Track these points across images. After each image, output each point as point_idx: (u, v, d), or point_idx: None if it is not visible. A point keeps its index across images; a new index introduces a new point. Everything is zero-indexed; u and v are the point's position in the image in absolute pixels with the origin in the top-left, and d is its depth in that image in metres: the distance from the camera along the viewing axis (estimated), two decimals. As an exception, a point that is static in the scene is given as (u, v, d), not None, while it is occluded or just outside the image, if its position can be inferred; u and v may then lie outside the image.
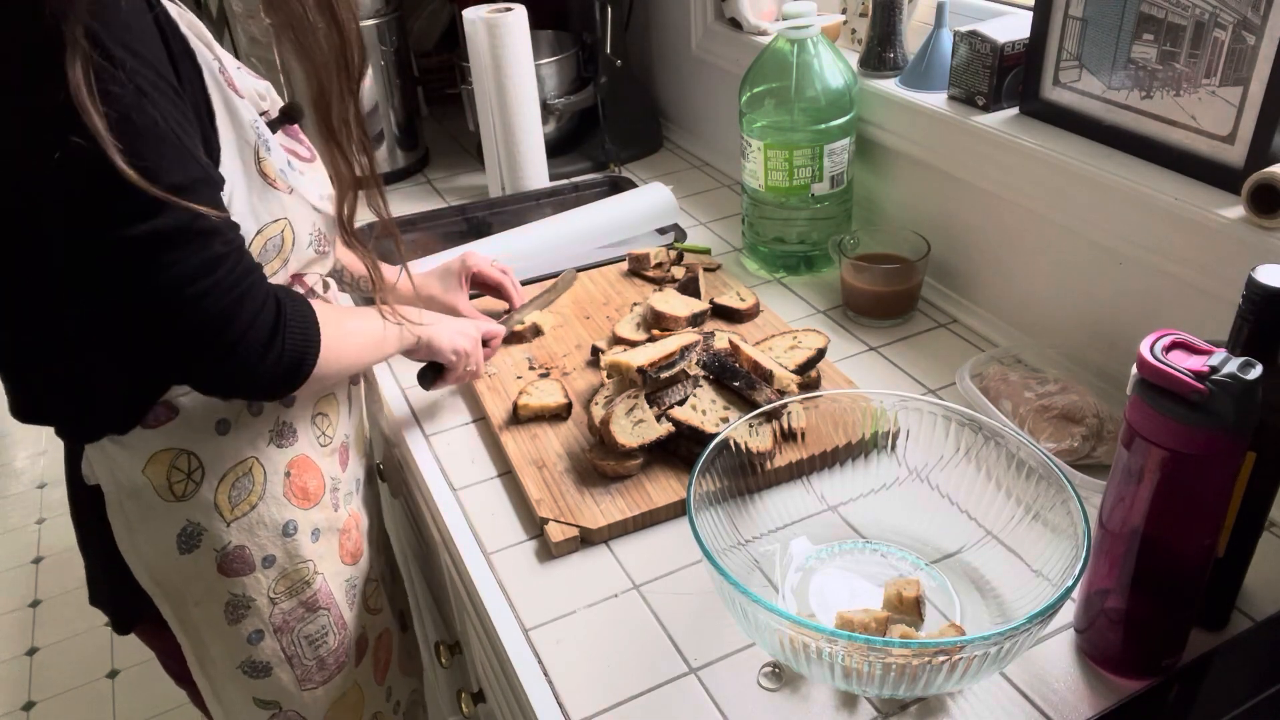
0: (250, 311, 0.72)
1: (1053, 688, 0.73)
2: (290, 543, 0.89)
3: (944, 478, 0.86)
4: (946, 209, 1.18)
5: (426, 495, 0.98)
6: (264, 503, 0.86)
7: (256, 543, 0.87)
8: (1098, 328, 1.02)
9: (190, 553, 0.84)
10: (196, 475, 0.82)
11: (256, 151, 0.79)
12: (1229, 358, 0.62)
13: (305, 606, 0.92)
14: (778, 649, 0.69)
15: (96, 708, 2.05)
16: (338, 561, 0.95)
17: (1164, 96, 0.92)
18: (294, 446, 0.89)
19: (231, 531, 0.85)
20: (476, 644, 0.98)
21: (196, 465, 0.82)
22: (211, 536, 0.84)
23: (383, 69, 1.62)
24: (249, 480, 0.85)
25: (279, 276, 0.82)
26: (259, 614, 0.89)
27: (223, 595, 0.87)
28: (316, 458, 0.91)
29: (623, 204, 1.40)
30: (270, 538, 0.87)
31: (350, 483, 0.98)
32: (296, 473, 0.89)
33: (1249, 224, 0.83)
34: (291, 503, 0.88)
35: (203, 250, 0.69)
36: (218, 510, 0.84)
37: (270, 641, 0.90)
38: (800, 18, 1.17)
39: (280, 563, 0.89)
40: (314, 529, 0.91)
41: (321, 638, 0.94)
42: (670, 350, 0.96)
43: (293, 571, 0.90)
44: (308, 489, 0.90)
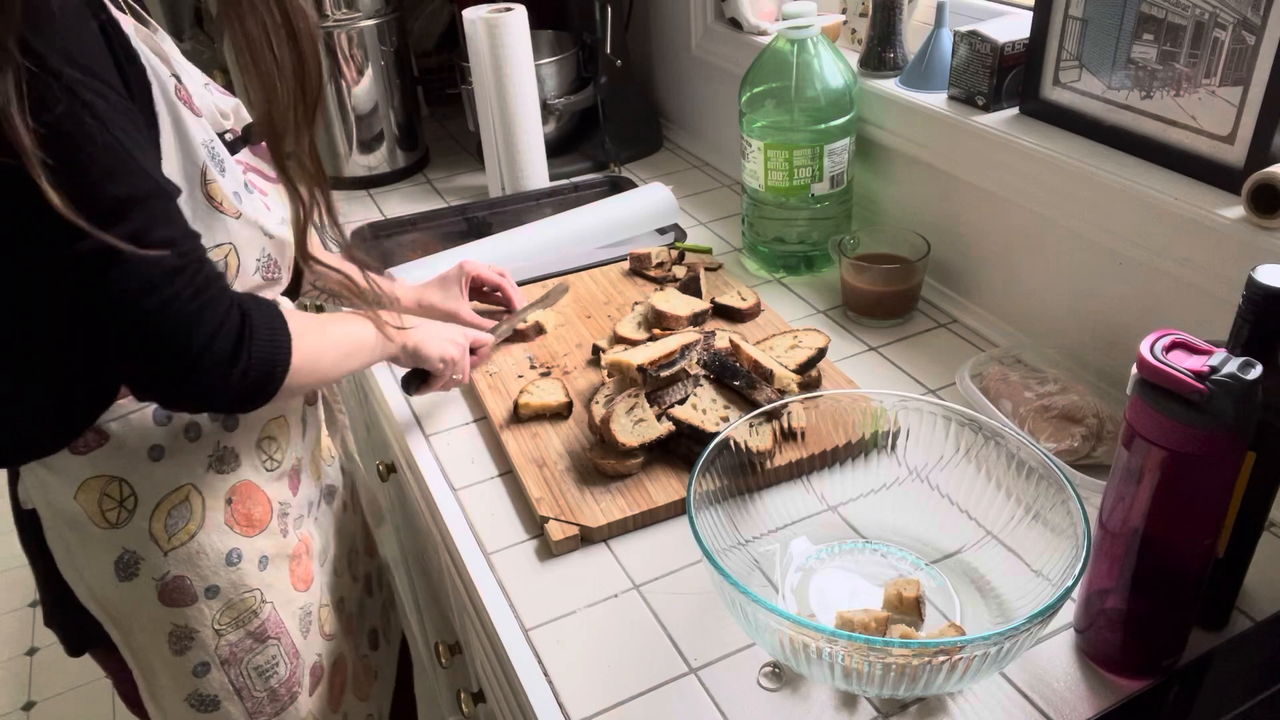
0: (211, 323, 0.69)
1: (1053, 688, 0.73)
2: (234, 572, 0.85)
3: (944, 478, 0.86)
4: (946, 209, 1.18)
5: (427, 495, 0.98)
6: (204, 532, 0.83)
7: (198, 573, 0.83)
8: (1098, 328, 1.02)
9: (129, 580, 0.81)
10: (129, 503, 0.80)
11: (204, 173, 0.75)
12: (1229, 358, 0.62)
13: (253, 637, 0.88)
14: (778, 649, 0.69)
15: (96, 708, 2.05)
16: (289, 589, 0.91)
17: (1164, 96, 0.92)
18: (236, 472, 0.85)
19: (169, 561, 0.82)
20: (476, 644, 0.98)
21: (129, 493, 0.79)
22: (149, 565, 0.81)
23: (383, 69, 1.62)
24: (186, 509, 0.82)
25: None
26: (204, 646, 0.85)
27: (165, 625, 0.84)
28: (262, 483, 0.88)
29: (623, 204, 1.40)
30: (212, 568, 0.84)
31: (302, 506, 0.94)
32: (239, 500, 0.85)
33: (1249, 224, 0.83)
34: (235, 531, 0.85)
35: (155, 264, 0.66)
36: (154, 540, 0.81)
37: (217, 674, 0.87)
38: (800, 18, 1.17)
39: (225, 593, 0.85)
40: (260, 557, 0.88)
41: (272, 668, 0.90)
42: (671, 349, 0.96)
43: (238, 602, 0.86)
44: (252, 516, 0.87)
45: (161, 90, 0.71)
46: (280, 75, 0.74)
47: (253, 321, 0.73)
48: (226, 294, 0.72)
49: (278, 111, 0.75)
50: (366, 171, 1.67)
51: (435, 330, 1.00)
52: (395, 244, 1.44)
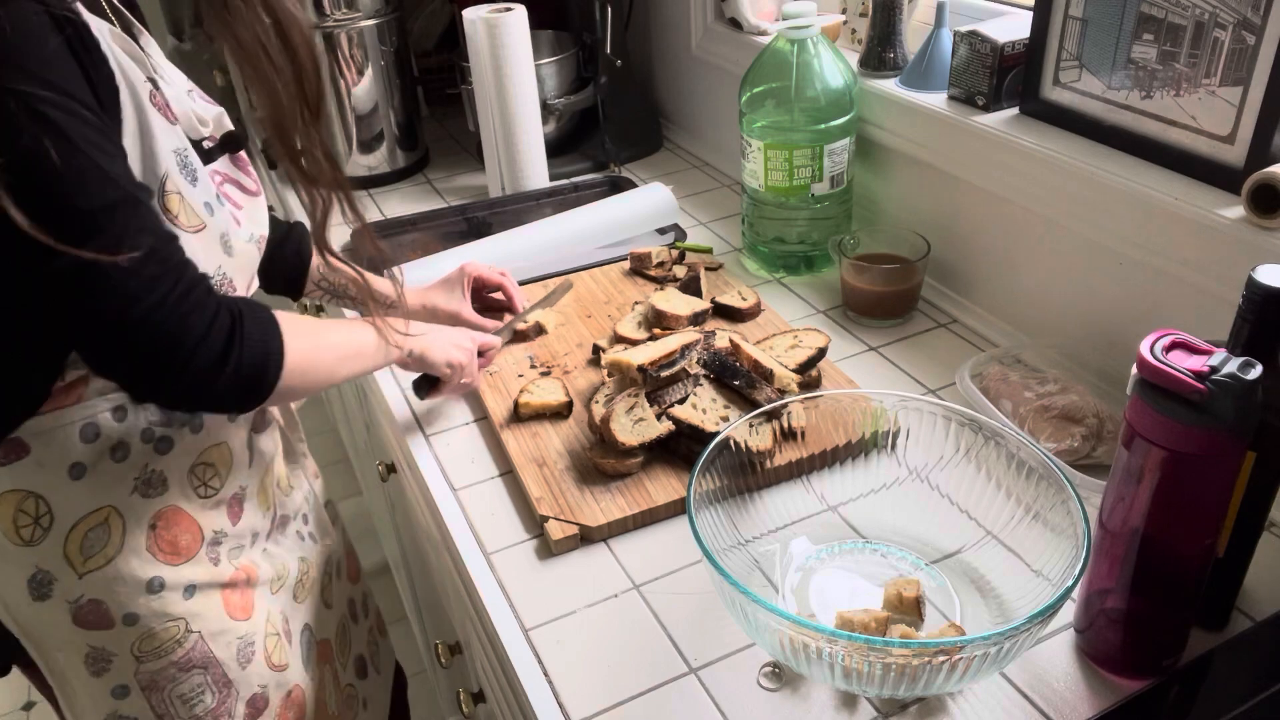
0: (199, 326, 0.69)
1: (1053, 688, 0.73)
2: (156, 600, 0.81)
3: (944, 478, 0.86)
4: (946, 209, 1.18)
5: (426, 495, 0.98)
6: (122, 557, 0.79)
7: (114, 599, 0.80)
8: (1098, 328, 1.02)
9: (43, 600, 0.78)
10: (44, 521, 0.76)
11: (163, 184, 0.73)
12: (1229, 358, 0.62)
13: (177, 666, 0.84)
14: (778, 649, 0.69)
15: (96, 707, 2.05)
16: (221, 619, 0.86)
17: (1164, 96, 0.92)
18: (162, 497, 0.81)
19: (84, 585, 0.78)
20: (476, 644, 0.98)
21: (45, 510, 0.76)
22: (62, 587, 0.78)
23: (383, 69, 1.62)
24: (104, 531, 0.78)
25: None
26: (122, 670, 0.82)
27: (81, 646, 0.81)
28: (193, 510, 0.84)
29: (623, 204, 1.40)
30: (130, 594, 0.80)
31: (244, 536, 0.89)
32: (164, 526, 0.81)
33: (1249, 224, 0.83)
34: (157, 558, 0.81)
35: (134, 274, 0.65)
36: (68, 561, 0.78)
37: (138, 699, 0.83)
38: (800, 18, 1.17)
39: (145, 621, 0.81)
40: (187, 585, 0.83)
41: (197, 697, 0.86)
42: (671, 349, 0.96)
43: (160, 631, 0.82)
44: (178, 543, 0.82)
45: (131, 95, 0.70)
46: (280, 79, 0.74)
47: (243, 323, 0.73)
48: (212, 296, 0.71)
49: (281, 114, 0.75)
50: (366, 171, 1.67)
51: (441, 335, 0.99)
52: (395, 244, 1.44)
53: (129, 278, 0.65)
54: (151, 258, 0.67)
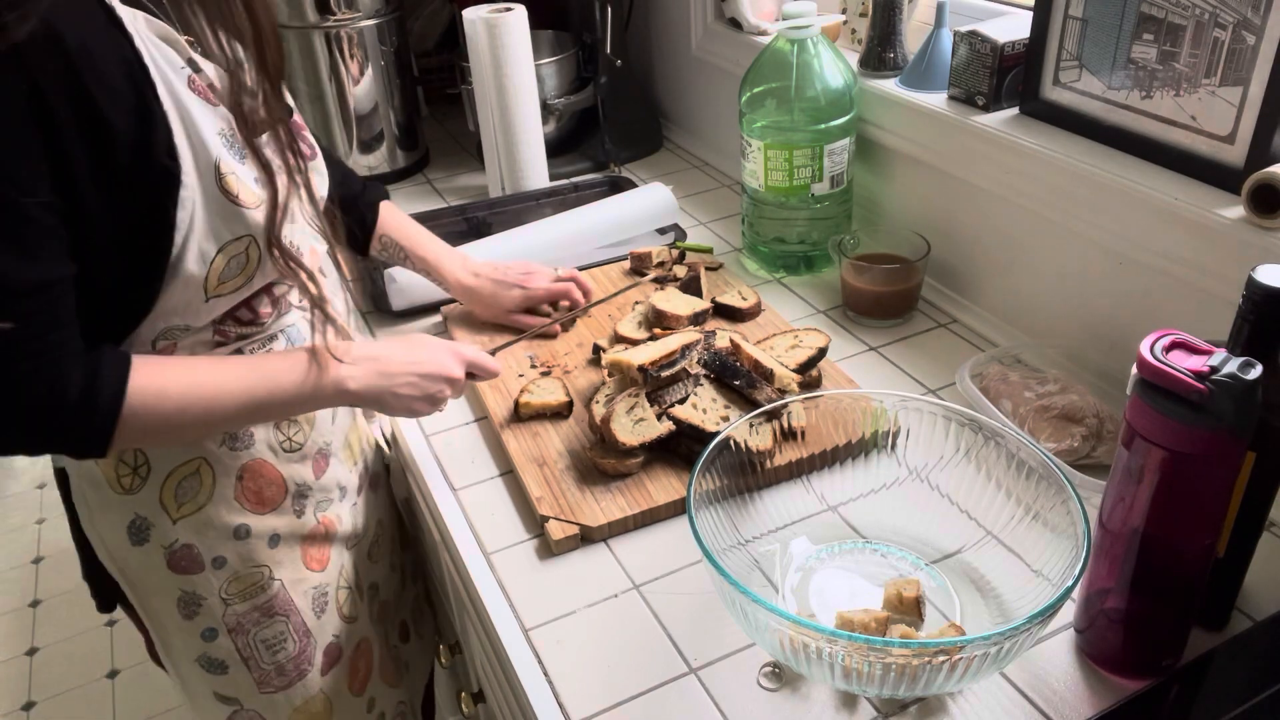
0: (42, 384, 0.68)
1: (1053, 688, 0.73)
2: (243, 546, 0.87)
3: (944, 478, 0.86)
4: (946, 209, 1.18)
5: (427, 495, 0.98)
6: (212, 505, 0.85)
7: (205, 543, 0.85)
8: (1098, 328, 1.02)
9: (141, 545, 0.84)
10: (143, 471, 0.82)
11: (217, 167, 0.73)
12: (1229, 358, 0.62)
13: (260, 611, 0.90)
14: (778, 649, 0.69)
15: (96, 708, 2.05)
16: (300, 568, 0.92)
17: (1164, 96, 0.92)
18: (249, 450, 0.86)
19: (178, 529, 0.84)
20: (476, 644, 0.98)
21: (143, 461, 0.82)
22: (159, 532, 0.84)
23: (383, 69, 1.62)
24: (195, 481, 0.84)
25: (242, 292, 0.79)
26: (211, 613, 0.88)
27: (174, 590, 0.86)
28: (277, 463, 0.88)
29: (623, 204, 1.40)
30: (219, 540, 0.86)
31: (330, 489, 0.94)
32: (250, 477, 0.86)
33: (1249, 224, 0.83)
34: (244, 507, 0.86)
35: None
36: (163, 507, 0.83)
37: (225, 640, 0.89)
38: (800, 18, 1.17)
39: (232, 565, 0.87)
40: (271, 534, 0.89)
41: (279, 643, 0.92)
42: (671, 349, 0.96)
43: (245, 575, 0.88)
44: (262, 494, 0.88)
45: (168, 88, 0.71)
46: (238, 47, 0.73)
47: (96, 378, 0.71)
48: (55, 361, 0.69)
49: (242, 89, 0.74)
50: (367, 171, 1.67)
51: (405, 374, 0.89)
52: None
53: None
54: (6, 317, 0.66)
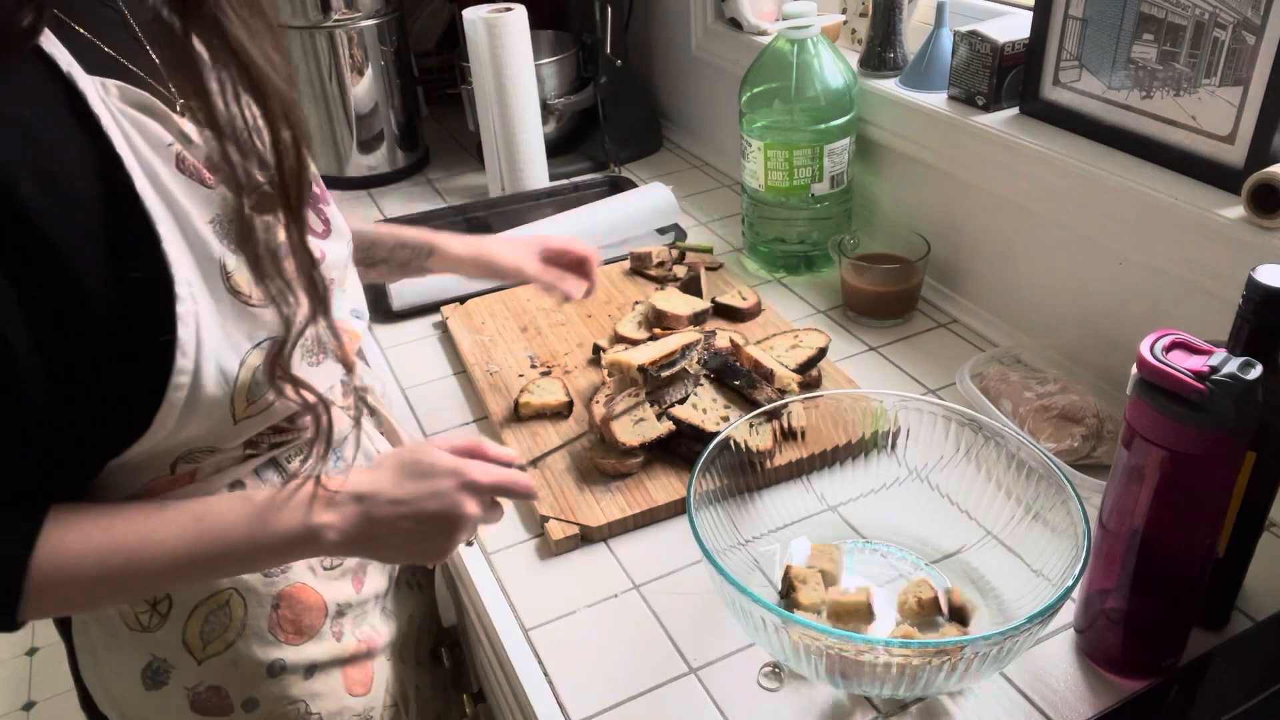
0: None
1: (1053, 688, 0.73)
2: (275, 685, 0.75)
3: (944, 478, 0.86)
4: (946, 209, 1.18)
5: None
6: (243, 640, 0.73)
7: (234, 685, 0.74)
8: (1098, 328, 1.02)
9: (158, 689, 0.73)
10: (162, 607, 0.71)
11: (222, 266, 0.61)
12: (1229, 358, 0.62)
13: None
14: (778, 649, 0.69)
15: (96, 707, 2.05)
16: (342, 697, 0.80)
17: (1164, 96, 0.92)
18: (285, 575, 0.75)
19: (203, 671, 0.73)
20: (476, 644, 0.98)
21: (164, 596, 0.71)
22: (180, 674, 0.73)
23: (383, 69, 1.62)
24: (224, 614, 0.72)
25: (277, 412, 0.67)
26: None
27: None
28: (317, 584, 0.77)
29: (623, 204, 1.40)
30: (251, 680, 0.75)
31: (368, 601, 0.83)
32: (287, 605, 0.75)
33: (1249, 224, 0.83)
34: (279, 639, 0.75)
35: None
36: (186, 647, 0.72)
37: None
38: (800, 18, 1.17)
39: (264, 706, 0.76)
40: (308, 665, 0.77)
41: None
42: (671, 349, 0.96)
43: (279, 715, 0.77)
44: (300, 624, 0.76)
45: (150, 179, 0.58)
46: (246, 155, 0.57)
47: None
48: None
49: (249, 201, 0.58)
50: (367, 171, 1.67)
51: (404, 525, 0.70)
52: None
53: None
54: None
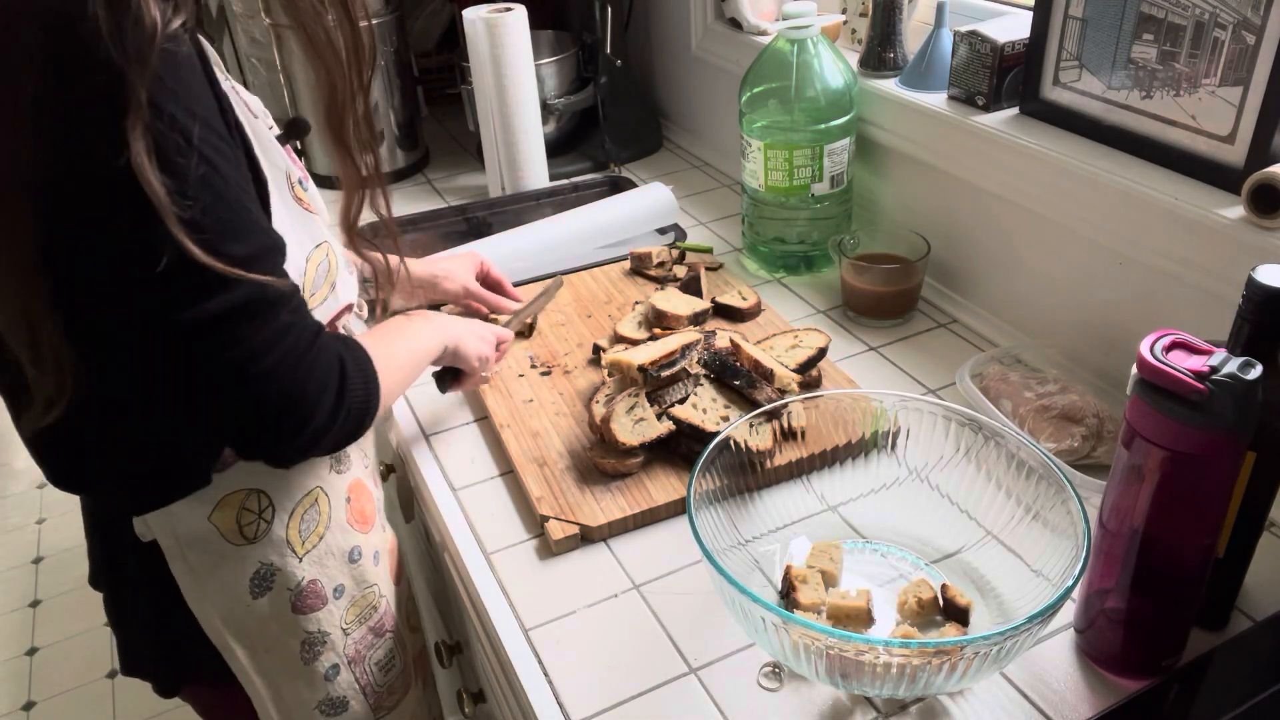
0: (319, 382, 0.70)
1: (1053, 688, 0.73)
2: (356, 569, 0.87)
3: (944, 478, 0.86)
4: (946, 209, 1.18)
5: (427, 495, 0.98)
6: (330, 532, 0.84)
7: (327, 574, 0.84)
8: (1098, 328, 1.02)
9: (264, 595, 0.81)
10: (267, 514, 0.79)
11: (288, 176, 0.75)
12: (1229, 358, 0.62)
13: (374, 632, 0.90)
14: (778, 649, 0.69)
15: (96, 708, 2.05)
16: (391, 583, 0.93)
17: (1164, 96, 0.92)
18: (350, 471, 0.86)
19: (304, 566, 0.82)
20: (476, 644, 0.98)
21: (267, 504, 0.79)
22: (285, 575, 0.81)
23: (383, 69, 1.62)
24: (316, 511, 0.82)
25: (328, 304, 0.78)
26: (334, 647, 0.86)
27: (298, 635, 0.84)
28: (366, 479, 0.90)
29: (623, 204, 1.40)
30: (338, 566, 0.85)
31: (383, 500, 0.96)
32: (355, 497, 0.87)
33: (1249, 224, 0.83)
34: (354, 528, 0.86)
35: (271, 322, 0.66)
36: (290, 546, 0.81)
37: (346, 674, 0.88)
38: (800, 18, 1.17)
39: (349, 590, 0.86)
40: (374, 552, 0.89)
41: (390, 662, 0.92)
42: (671, 349, 0.96)
43: (360, 598, 0.88)
44: (365, 512, 0.88)
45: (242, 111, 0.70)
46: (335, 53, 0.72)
47: (347, 375, 0.73)
48: (328, 345, 0.71)
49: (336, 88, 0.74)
50: (366, 171, 1.67)
51: (468, 328, 0.98)
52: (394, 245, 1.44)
53: (262, 328, 0.65)
54: (283, 306, 0.67)
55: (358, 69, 0.75)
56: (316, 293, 0.77)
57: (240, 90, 0.75)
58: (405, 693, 0.95)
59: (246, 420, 0.69)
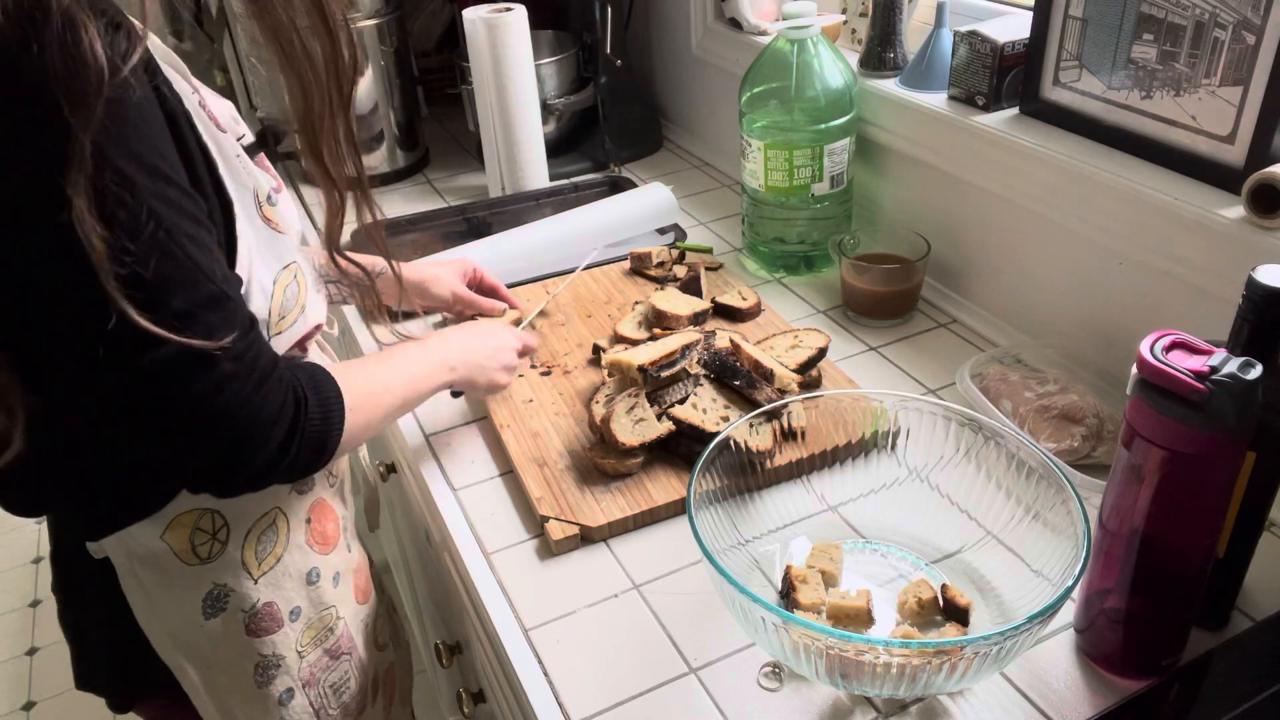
0: (267, 419, 0.67)
1: (1053, 688, 0.73)
2: (314, 591, 0.85)
3: (944, 478, 0.86)
4: (946, 209, 1.18)
5: (426, 495, 0.98)
6: (289, 553, 0.83)
7: (283, 596, 0.83)
8: (1098, 328, 1.02)
9: (216, 616, 0.79)
10: (222, 534, 0.78)
11: (255, 195, 0.72)
12: (1229, 358, 0.62)
13: (329, 654, 0.88)
14: (778, 649, 0.69)
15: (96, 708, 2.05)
16: (353, 603, 0.92)
17: (1164, 96, 0.92)
18: (312, 491, 0.85)
19: (260, 588, 0.81)
20: (476, 644, 0.98)
21: (221, 524, 0.78)
22: (238, 597, 0.80)
23: (383, 69, 1.62)
24: (273, 532, 0.81)
25: (297, 326, 0.77)
26: (289, 671, 0.84)
27: (251, 657, 0.82)
28: (330, 499, 0.88)
29: (623, 204, 1.40)
30: (295, 588, 0.84)
31: (349, 519, 0.94)
32: (316, 518, 0.86)
33: (1249, 224, 0.83)
34: (314, 549, 0.85)
35: (211, 372, 0.64)
36: (244, 568, 0.80)
37: (300, 698, 0.86)
38: (800, 18, 1.17)
39: (306, 613, 0.85)
40: (334, 573, 0.88)
41: (344, 684, 0.91)
42: (671, 349, 0.96)
43: (317, 620, 0.86)
44: (326, 533, 0.87)
45: (205, 127, 0.68)
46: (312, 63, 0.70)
47: (306, 408, 0.71)
48: (278, 386, 0.69)
49: (310, 101, 0.72)
50: (368, 172, 1.67)
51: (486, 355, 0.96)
52: (395, 244, 1.44)
53: (200, 378, 0.64)
54: (224, 357, 0.65)
55: (337, 83, 0.72)
56: (287, 315, 0.75)
57: (210, 100, 0.72)
58: (359, 714, 0.93)
59: (191, 459, 0.67)
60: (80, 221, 0.56)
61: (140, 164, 0.59)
